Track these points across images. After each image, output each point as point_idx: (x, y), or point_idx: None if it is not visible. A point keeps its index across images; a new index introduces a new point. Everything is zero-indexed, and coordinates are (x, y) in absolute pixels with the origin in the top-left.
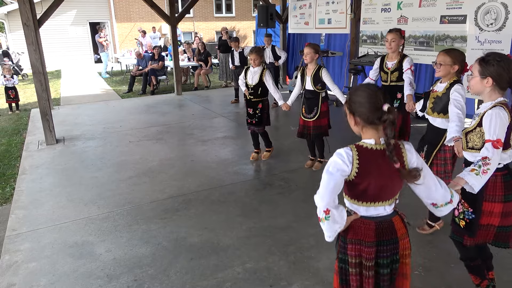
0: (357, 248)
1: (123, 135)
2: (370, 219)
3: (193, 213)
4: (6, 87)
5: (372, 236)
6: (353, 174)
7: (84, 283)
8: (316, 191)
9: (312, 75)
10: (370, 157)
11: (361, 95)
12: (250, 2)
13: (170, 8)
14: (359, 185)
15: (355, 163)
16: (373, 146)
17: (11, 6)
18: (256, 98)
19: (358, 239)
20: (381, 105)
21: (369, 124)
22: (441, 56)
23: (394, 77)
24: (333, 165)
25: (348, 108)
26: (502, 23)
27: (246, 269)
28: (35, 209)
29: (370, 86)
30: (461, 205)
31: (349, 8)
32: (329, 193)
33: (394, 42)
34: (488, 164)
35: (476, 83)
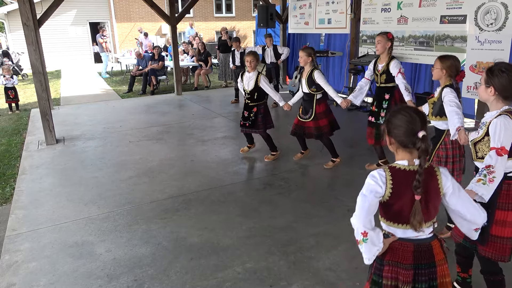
0: (394, 270)
1: (123, 135)
2: (408, 241)
3: (193, 213)
4: (5, 87)
5: (410, 259)
6: (387, 195)
7: (84, 283)
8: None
9: (307, 78)
10: (404, 178)
11: (400, 119)
12: (250, 2)
13: (170, 8)
14: (394, 205)
15: (389, 184)
16: (406, 167)
17: (11, 6)
18: (253, 102)
19: (396, 261)
20: (417, 131)
21: (403, 147)
22: (435, 62)
23: (382, 79)
24: (367, 187)
25: (386, 128)
26: (502, 23)
27: (246, 269)
28: (35, 209)
29: (411, 110)
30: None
31: (349, 8)
32: (364, 214)
33: (380, 43)
34: (493, 172)
35: (482, 91)
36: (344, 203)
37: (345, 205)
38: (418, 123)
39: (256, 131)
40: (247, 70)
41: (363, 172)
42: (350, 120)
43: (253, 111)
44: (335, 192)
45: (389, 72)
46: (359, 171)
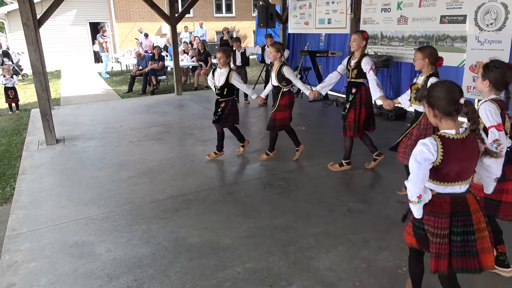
0: (432, 219)
1: (123, 135)
2: (446, 195)
3: (193, 213)
4: (5, 87)
5: (447, 209)
6: (438, 161)
7: (84, 283)
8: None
9: (276, 72)
10: (453, 146)
11: (440, 91)
12: (250, 2)
13: (170, 8)
14: (442, 170)
15: (440, 151)
16: (454, 136)
17: (11, 6)
18: (222, 98)
19: (434, 211)
20: (458, 99)
21: (447, 116)
22: (416, 53)
23: (353, 74)
24: (420, 155)
25: (427, 102)
26: (502, 23)
27: (246, 269)
28: (35, 209)
29: (447, 82)
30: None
31: (349, 8)
32: (420, 181)
33: (355, 42)
34: (501, 144)
35: (479, 83)
36: (344, 203)
37: (345, 205)
38: (457, 92)
39: (223, 125)
40: (218, 66)
41: (363, 172)
42: None
43: (221, 106)
44: (335, 192)
45: (360, 68)
46: (359, 171)
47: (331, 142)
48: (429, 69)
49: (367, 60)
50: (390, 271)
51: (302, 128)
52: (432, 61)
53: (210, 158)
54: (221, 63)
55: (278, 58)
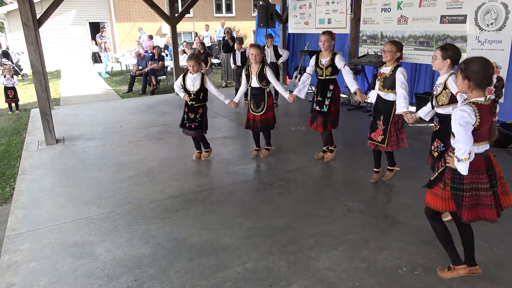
0: (474, 177)
1: (123, 135)
2: (479, 154)
3: (193, 213)
4: (5, 87)
5: (483, 166)
6: (477, 124)
7: (84, 283)
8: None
9: (257, 73)
10: (485, 110)
11: (479, 65)
12: (250, 2)
13: (170, 8)
14: (478, 130)
15: (477, 116)
16: (484, 102)
17: (11, 6)
18: (198, 103)
19: (475, 170)
20: (492, 74)
21: (479, 87)
22: (388, 45)
23: (328, 72)
24: (463, 119)
25: (463, 74)
26: (502, 23)
27: (246, 269)
28: (35, 209)
29: (484, 59)
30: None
31: (349, 8)
32: (469, 140)
33: (327, 42)
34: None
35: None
36: (344, 203)
37: (345, 205)
38: (492, 67)
39: (201, 132)
40: (190, 71)
41: (363, 172)
42: (351, 120)
43: (199, 112)
44: (335, 192)
45: (335, 65)
46: (359, 171)
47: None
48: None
49: (340, 57)
50: (390, 271)
51: (302, 128)
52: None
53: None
54: (194, 71)
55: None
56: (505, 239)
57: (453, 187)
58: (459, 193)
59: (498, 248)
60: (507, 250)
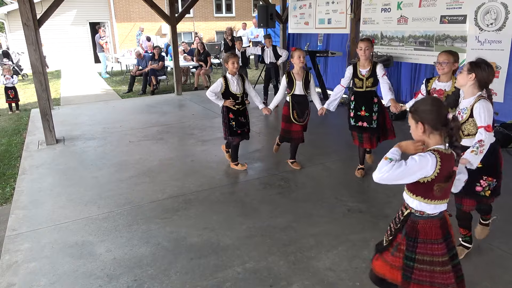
0: (429, 247)
1: (123, 135)
2: (435, 218)
3: (193, 213)
4: (5, 87)
5: (440, 234)
6: (432, 177)
7: (84, 283)
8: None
9: (303, 80)
10: (447, 161)
11: (429, 105)
12: (250, 2)
13: (170, 8)
14: (433, 185)
15: (438, 167)
16: (445, 151)
17: (11, 6)
18: (243, 105)
19: (430, 239)
20: (446, 114)
21: (436, 131)
22: (445, 55)
23: (369, 83)
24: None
25: (415, 118)
26: (502, 23)
27: (246, 269)
28: (35, 209)
29: (435, 98)
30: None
31: (349, 8)
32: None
33: (368, 50)
34: (483, 145)
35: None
36: (344, 203)
37: (345, 205)
38: (444, 107)
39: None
40: (228, 73)
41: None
42: None
43: (246, 114)
44: (335, 192)
45: (376, 75)
46: None
47: (331, 142)
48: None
49: (381, 66)
50: None
51: None
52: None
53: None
54: (236, 68)
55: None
56: (505, 239)
57: (406, 256)
58: (409, 263)
59: (498, 248)
60: (507, 250)
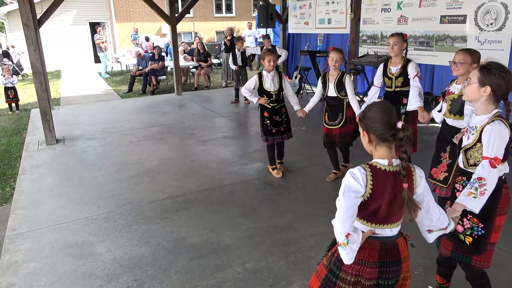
0: (357, 268)
1: (123, 135)
2: (375, 239)
3: (193, 213)
4: (5, 87)
5: (376, 257)
6: (366, 196)
7: (84, 283)
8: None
9: (336, 82)
10: (383, 179)
11: (376, 111)
12: (250, 2)
13: (170, 8)
14: (370, 206)
15: (369, 184)
16: (386, 168)
17: (11, 6)
18: (280, 104)
19: (361, 259)
20: (395, 122)
21: (383, 142)
22: (461, 55)
23: (399, 83)
24: (348, 188)
25: (362, 126)
26: (502, 23)
27: (246, 269)
28: (35, 209)
29: (384, 103)
30: (468, 221)
31: (349, 8)
32: (349, 218)
33: (397, 45)
34: (484, 184)
35: (473, 91)
36: None
37: None
38: (394, 114)
39: (291, 134)
40: (264, 69)
41: None
42: None
43: (283, 112)
44: (335, 192)
45: (407, 74)
46: None
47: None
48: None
49: (414, 65)
50: None
51: (302, 128)
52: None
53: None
54: (272, 66)
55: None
56: (505, 239)
57: (331, 269)
58: (332, 279)
59: (498, 248)
60: (507, 250)
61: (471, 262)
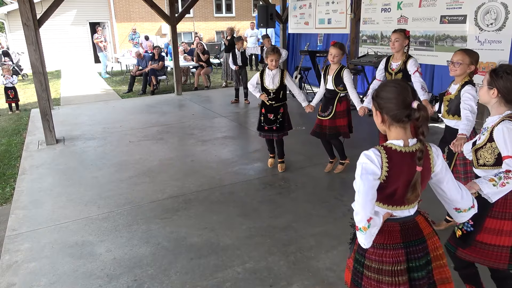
0: (379, 253)
1: (123, 135)
2: (393, 221)
3: (193, 213)
4: (5, 87)
5: (398, 238)
6: (382, 178)
7: (84, 283)
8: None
9: (334, 75)
10: (399, 161)
11: (390, 91)
12: (250, 2)
13: (170, 8)
14: (386, 188)
15: (385, 166)
16: (402, 149)
17: (11, 6)
18: (278, 102)
19: (382, 243)
20: (410, 102)
21: (397, 122)
22: (459, 55)
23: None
24: (365, 170)
25: (375, 105)
26: (502, 23)
27: (246, 269)
28: (35, 209)
29: (399, 82)
30: None
31: (349, 8)
32: (369, 201)
33: (398, 42)
34: (510, 178)
35: (484, 93)
36: (344, 203)
37: (345, 205)
38: (410, 93)
39: (282, 134)
40: (267, 67)
41: None
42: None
43: (280, 112)
44: (335, 192)
45: (406, 70)
46: None
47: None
48: (465, 76)
49: (414, 62)
50: None
51: (302, 128)
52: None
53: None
54: (274, 66)
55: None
56: None
57: (356, 259)
58: (359, 268)
59: None
60: None
61: (456, 252)
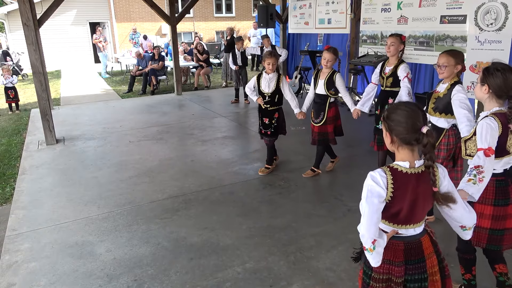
0: (386, 267)
1: (123, 135)
2: (399, 239)
3: (193, 213)
4: (5, 87)
5: (401, 257)
6: (387, 198)
7: (84, 283)
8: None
9: (326, 79)
10: (405, 182)
11: (401, 114)
12: (250, 2)
13: (170, 8)
14: (391, 208)
15: (390, 187)
16: (408, 170)
17: (11, 6)
18: (273, 106)
19: (388, 259)
20: (420, 127)
21: (405, 144)
22: (444, 57)
23: (388, 83)
24: (371, 193)
25: (385, 126)
26: (502, 23)
27: (246, 269)
28: (35, 209)
29: (410, 105)
30: None
31: (349, 8)
32: (374, 224)
33: (393, 46)
34: (482, 172)
35: (477, 90)
36: (344, 203)
37: (345, 205)
38: (421, 118)
39: (274, 139)
40: (265, 71)
41: (363, 172)
42: (350, 120)
43: (274, 117)
44: (335, 192)
45: (396, 75)
46: (359, 171)
47: None
48: (454, 76)
49: (405, 67)
50: None
51: (302, 128)
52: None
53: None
54: (271, 70)
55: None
56: None
57: (364, 271)
58: (366, 279)
59: None
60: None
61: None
